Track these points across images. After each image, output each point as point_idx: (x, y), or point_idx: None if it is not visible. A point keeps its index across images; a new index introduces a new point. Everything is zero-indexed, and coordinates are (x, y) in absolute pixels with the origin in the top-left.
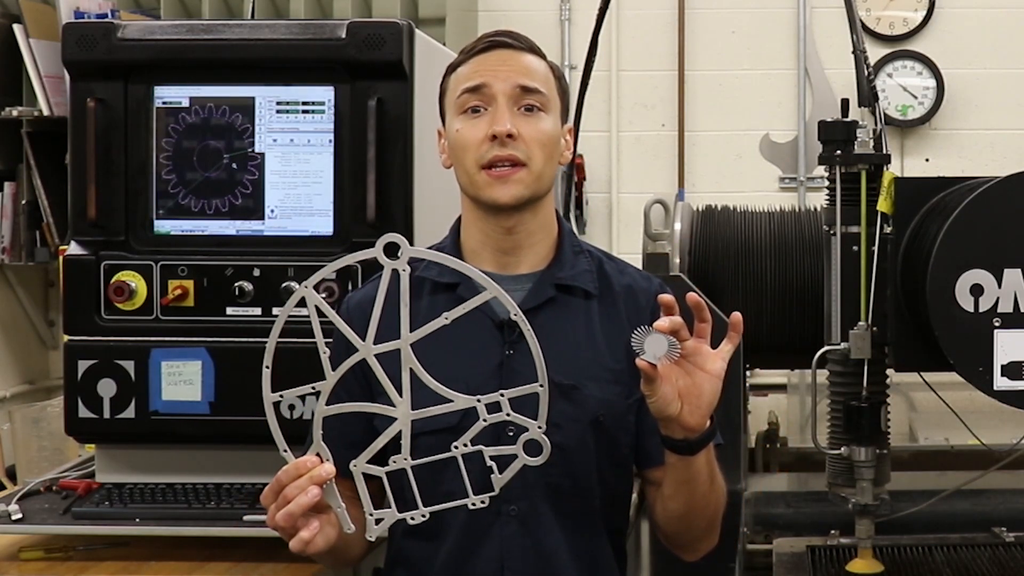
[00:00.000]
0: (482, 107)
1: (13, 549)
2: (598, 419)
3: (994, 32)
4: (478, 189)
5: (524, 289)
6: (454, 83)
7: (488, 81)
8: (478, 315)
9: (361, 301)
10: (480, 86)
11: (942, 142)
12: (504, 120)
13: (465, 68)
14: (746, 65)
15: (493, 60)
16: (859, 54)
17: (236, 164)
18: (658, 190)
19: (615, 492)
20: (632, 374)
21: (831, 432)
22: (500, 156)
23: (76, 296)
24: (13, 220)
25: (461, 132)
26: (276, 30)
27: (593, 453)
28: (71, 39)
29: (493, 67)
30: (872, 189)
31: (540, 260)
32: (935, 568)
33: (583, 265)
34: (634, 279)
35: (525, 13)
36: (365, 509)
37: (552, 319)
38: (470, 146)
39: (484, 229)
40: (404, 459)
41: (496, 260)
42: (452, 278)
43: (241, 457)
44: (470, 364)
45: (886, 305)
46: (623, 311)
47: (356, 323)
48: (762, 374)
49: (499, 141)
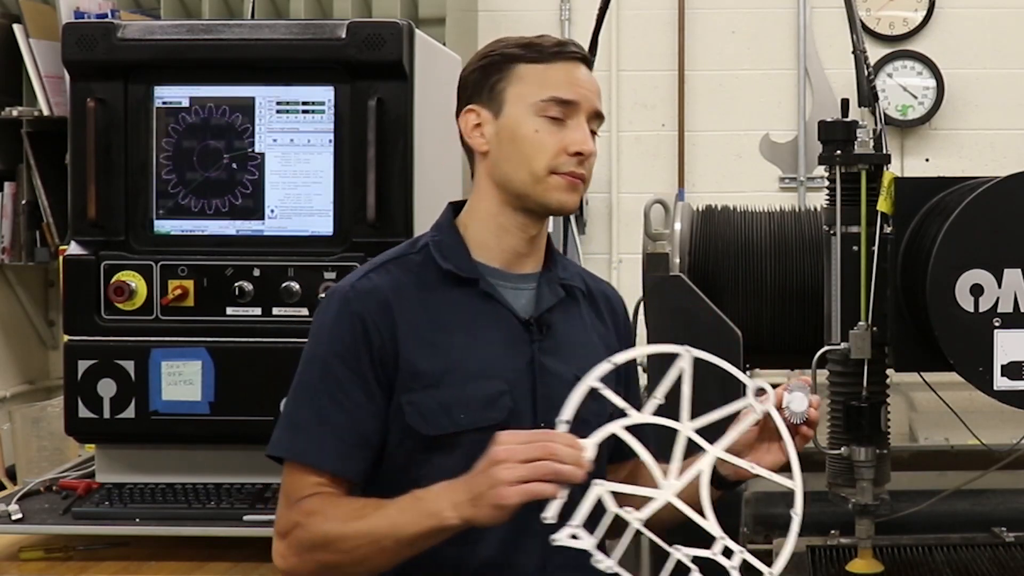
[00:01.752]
0: (562, 117)
1: (13, 549)
2: (611, 415)
3: (994, 32)
4: (543, 190)
5: (531, 289)
6: (534, 80)
7: (580, 101)
8: (503, 312)
9: (378, 291)
10: (573, 102)
11: (942, 142)
12: (590, 142)
13: (552, 72)
14: (746, 65)
15: (580, 77)
16: (859, 54)
17: (236, 164)
18: (658, 190)
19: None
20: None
21: (831, 432)
22: (575, 172)
23: (76, 296)
24: (13, 220)
25: (541, 135)
26: (276, 30)
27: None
28: (71, 39)
29: (583, 86)
30: (872, 189)
31: (539, 261)
32: (935, 568)
33: (572, 267)
34: (603, 286)
35: (525, 13)
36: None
37: (562, 319)
38: (548, 152)
39: (507, 228)
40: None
41: (506, 259)
42: (470, 273)
43: (241, 457)
44: (504, 360)
45: (886, 305)
46: (605, 314)
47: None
48: (762, 374)
49: (580, 159)
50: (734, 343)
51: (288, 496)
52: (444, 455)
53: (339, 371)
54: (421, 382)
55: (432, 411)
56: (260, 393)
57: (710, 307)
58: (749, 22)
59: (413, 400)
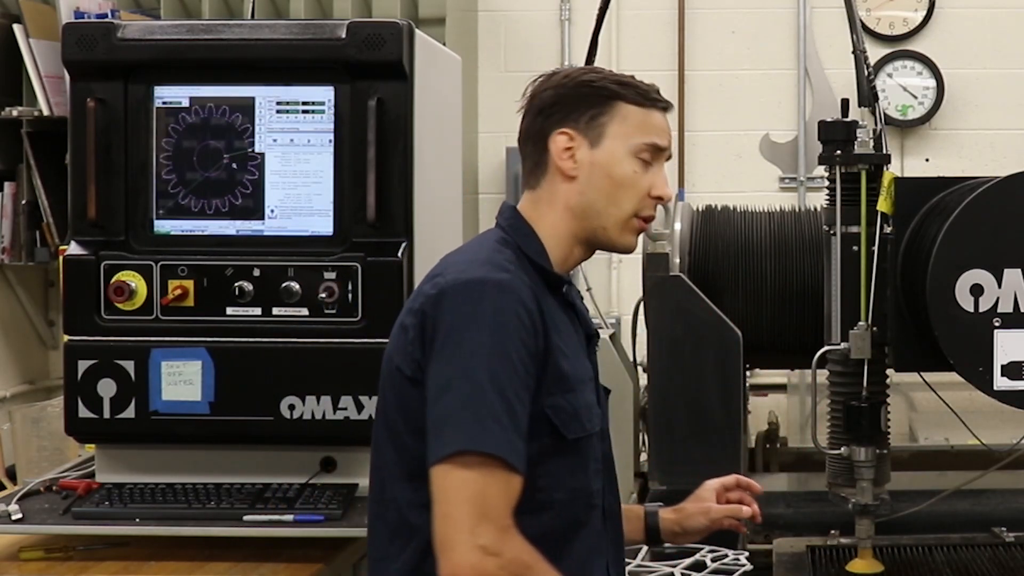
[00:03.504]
0: (650, 162)
1: (13, 549)
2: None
3: (994, 32)
4: (622, 231)
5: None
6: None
7: (668, 149)
8: (578, 322)
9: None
10: (664, 150)
11: (942, 142)
12: (670, 188)
13: (651, 119)
14: (746, 65)
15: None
16: (859, 54)
17: (236, 164)
18: None
19: None
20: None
21: (831, 432)
22: (652, 216)
23: (76, 296)
24: (13, 220)
25: (637, 176)
26: (276, 30)
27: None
28: (71, 39)
29: (668, 133)
30: (872, 189)
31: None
32: (935, 568)
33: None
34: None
35: (525, 13)
36: None
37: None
38: (639, 192)
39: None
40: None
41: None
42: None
43: (241, 457)
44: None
45: (886, 305)
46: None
47: (535, 315)
48: (762, 374)
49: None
50: (734, 343)
51: (481, 504)
52: (561, 457)
53: (516, 363)
54: (561, 386)
55: (568, 415)
56: (260, 393)
57: (710, 307)
58: (749, 22)
59: (554, 404)
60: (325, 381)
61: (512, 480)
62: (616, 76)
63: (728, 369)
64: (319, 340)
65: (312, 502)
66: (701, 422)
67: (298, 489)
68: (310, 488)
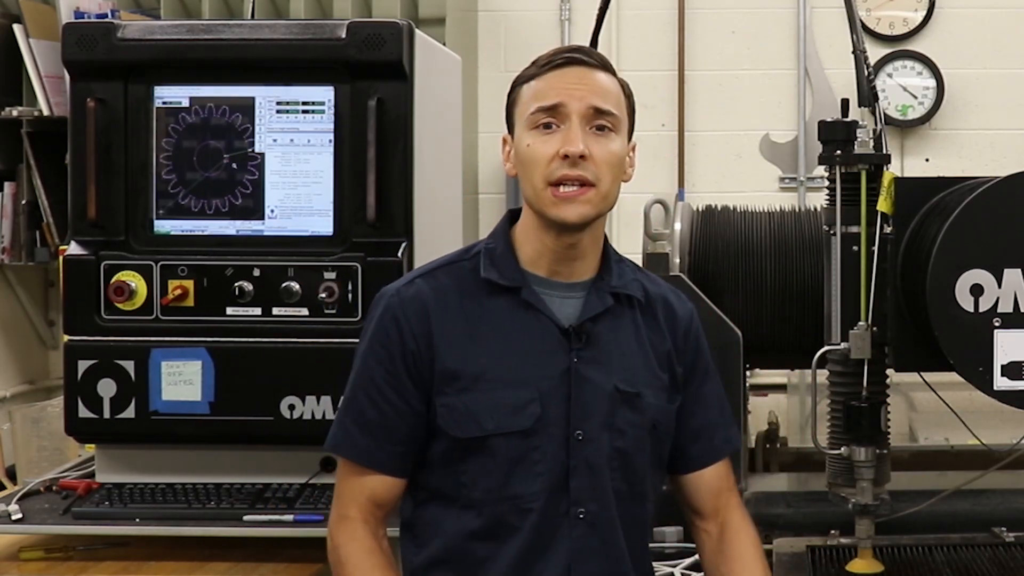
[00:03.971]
0: (555, 124)
1: (13, 549)
2: (655, 425)
3: (994, 32)
4: (544, 206)
5: (580, 297)
6: (527, 96)
7: (564, 100)
8: (544, 320)
9: (419, 296)
10: (556, 105)
11: (942, 142)
12: (577, 141)
13: (540, 83)
14: (746, 65)
15: (569, 78)
16: (859, 54)
17: (236, 164)
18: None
19: (657, 495)
20: (672, 382)
21: (831, 432)
22: (569, 175)
23: (76, 296)
24: (13, 220)
25: (532, 148)
26: (276, 30)
27: (648, 458)
28: (71, 39)
29: (569, 86)
30: (872, 189)
31: (589, 269)
32: (935, 568)
33: (629, 274)
34: (665, 292)
35: (525, 13)
36: None
37: (610, 327)
38: (540, 162)
39: (544, 241)
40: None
41: (551, 269)
42: (513, 282)
43: (241, 457)
44: (539, 368)
45: (886, 305)
46: (662, 321)
47: (414, 320)
48: (762, 374)
49: (570, 160)
50: (734, 343)
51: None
52: (477, 456)
53: (375, 371)
54: (454, 387)
55: (462, 415)
56: (260, 393)
57: (710, 307)
58: (749, 22)
59: (446, 403)
60: (325, 381)
61: (366, 477)
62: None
63: (728, 369)
64: (319, 340)
65: (312, 502)
66: None
67: (298, 489)
68: (310, 488)
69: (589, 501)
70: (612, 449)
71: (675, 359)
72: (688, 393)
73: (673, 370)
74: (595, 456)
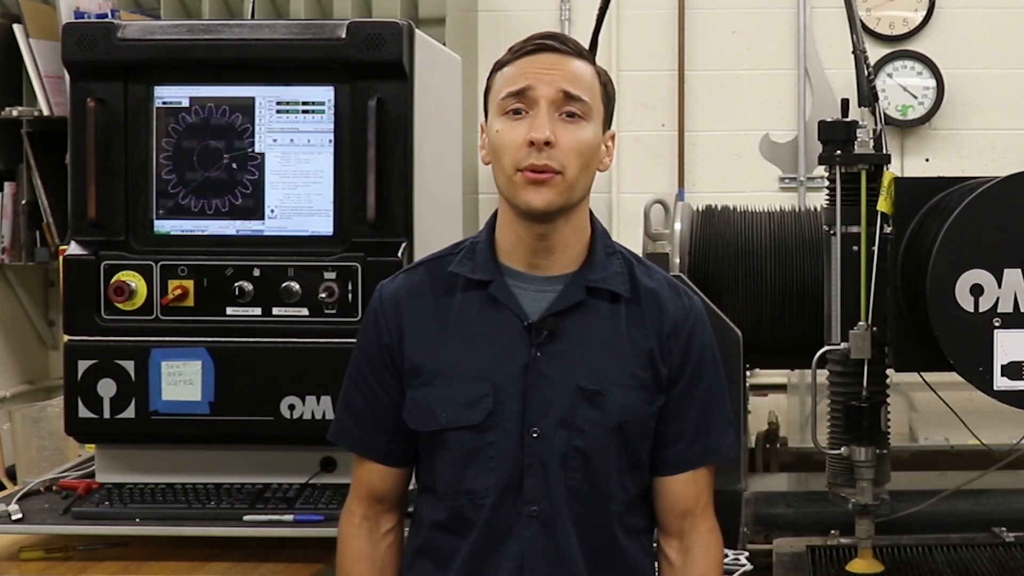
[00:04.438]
0: (524, 110)
1: (13, 549)
2: (621, 425)
3: (994, 32)
4: (513, 191)
5: (555, 291)
6: (499, 83)
7: (532, 84)
8: (507, 315)
9: (396, 292)
10: (524, 89)
11: (942, 142)
12: (543, 127)
13: (511, 69)
14: (746, 65)
15: (540, 63)
16: (859, 54)
17: (236, 164)
18: (658, 190)
19: (634, 496)
20: (655, 381)
21: (831, 432)
22: (536, 164)
23: (76, 296)
24: (13, 220)
25: (501, 133)
26: (276, 30)
27: (614, 458)
28: (71, 39)
29: (539, 71)
30: (872, 189)
31: (572, 262)
32: (935, 568)
33: (615, 267)
34: (661, 287)
35: (525, 13)
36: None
37: (581, 322)
38: (508, 148)
39: (517, 231)
40: None
41: (528, 261)
42: (484, 276)
43: (241, 457)
44: (497, 363)
45: (886, 305)
46: (648, 317)
47: (390, 315)
48: (762, 374)
49: (536, 147)
50: (734, 343)
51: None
52: (440, 450)
53: (362, 363)
54: (418, 380)
55: (421, 408)
56: (260, 393)
57: (710, 307)
58: (749, 22)
59: (411, 397)
60: (325, 381)
61: (363, 466)
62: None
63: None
64: (319, 340)
65: (312, 502)
66: None
67: (298, 489)
68: (310, 488)
69: (542, 500)
70: (570, 448)
71: (659, 357)
72: (673, 394)
73: (656, 368)
74: (550, 454)
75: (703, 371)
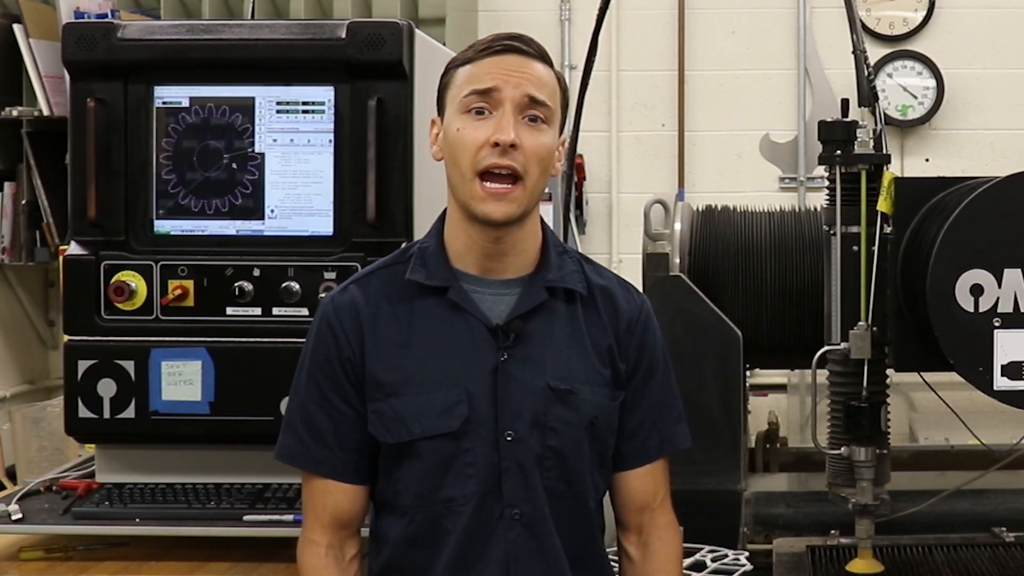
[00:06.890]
0: (487, 110)
1: (13, 549)
2: (592, 422)
3: (994, 32)
4: (470, 198)
5: (513, 293)
6: (461, 80)
7: (499, 86)
8: (472, 320)
9: (352, 303)
10: (490, 90)
11: (942, 142)
12: (509, 129)
13: (475, 68)
14: (746, 65)
15: (506, 65)
16: (859, 54)
17: (236, 164)
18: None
19: (602, 493)
20: (615, 377)
21: (831, 432)
22: (499, 164)
23: (76, 296)
24: (13, 220)
25: (462, 132)
26: (276, 30)
27: (587, 457)
28: (71, 39)
29: (505, 72)
30: (872, 189)
31: (526, 264)
32: (935, 568)
33: (570, 266)
34: (611, 284)
35: (525, 13)
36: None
37: (543, 323)
38: (469, 148)
39: (470, 234)
40: None
41: (482, 265)
42: (440, 282)
43: (241, 457)
44: (466, 367)
45: (886, 305)
46: (604, 314)
47: (348, 327)
48: (762, 374)
49: (500, 149)
50: (734, 343)
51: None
52: (409, 461)
53: (320, 381)
54: (383, 392)
55: (391, 420)
56: (260, 393)
57: (710, 307)
58: (749, 22)
59: (376, 409)
60: None
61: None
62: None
63: (728, 369)
64: None
65: None
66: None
67: (298, 489)
68: None
69: (523, 502)
70: (545, 448)
71: (617, 354)
72: (630, 389)
73: (616, 365)
74: (526, 456)
75: (656, 365)
